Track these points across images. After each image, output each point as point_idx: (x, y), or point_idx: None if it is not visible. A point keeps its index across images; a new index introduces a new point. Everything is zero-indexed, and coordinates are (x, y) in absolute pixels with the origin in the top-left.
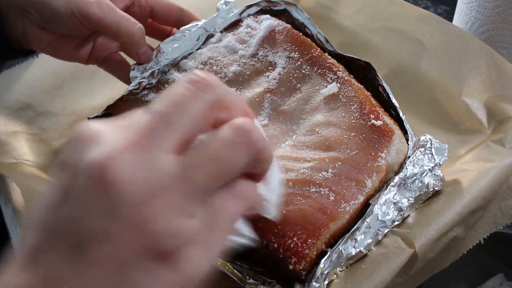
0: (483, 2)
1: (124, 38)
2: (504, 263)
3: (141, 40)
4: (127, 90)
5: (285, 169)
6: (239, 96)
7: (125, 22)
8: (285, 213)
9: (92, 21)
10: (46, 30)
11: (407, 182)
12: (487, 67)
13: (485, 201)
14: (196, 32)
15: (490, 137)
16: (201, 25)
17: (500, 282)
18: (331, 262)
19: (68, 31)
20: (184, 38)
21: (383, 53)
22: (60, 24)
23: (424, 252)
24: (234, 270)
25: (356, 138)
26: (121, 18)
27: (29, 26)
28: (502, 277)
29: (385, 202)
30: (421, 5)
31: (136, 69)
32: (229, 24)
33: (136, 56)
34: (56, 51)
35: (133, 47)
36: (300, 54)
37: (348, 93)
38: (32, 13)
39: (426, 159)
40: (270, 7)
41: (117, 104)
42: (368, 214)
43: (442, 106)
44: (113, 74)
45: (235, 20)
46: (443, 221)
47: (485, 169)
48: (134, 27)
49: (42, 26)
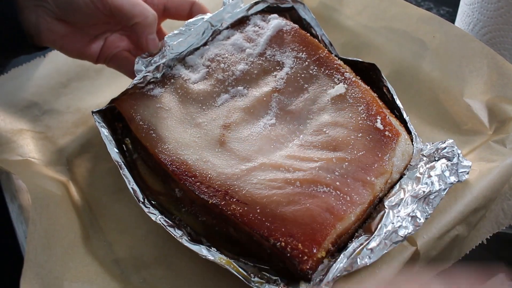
0: (485, 3)
1: (137, 18)
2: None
3: (153, 24)
4: (132, 84)
5: (292, 168)
6: None
7: (140, 4)
8: (293, 212)
9: (107, 3)
10: (60, 21)
11: (429, 197)
12: (489, 68)
13: (486, 200)
14: (201, 26)
15: (491, 138)
16: (207, 19)
17: (501, 282)
18: (344, 268)
19: (83, 18)
20: (189, 32)
21: (385, 53)
22: (76, 11)
23: (426, 249)
24: (239, 268)
25: (363, 139)
26: (136, 0)
27: (43, 17)
28: (503, 277)
29: (405, 215)
30: (424, 6)
31: (140, 62)
32: (235, 21)
33: (145, 41)
34: (67, 46)
35: (145, 31)
36: (308, 55)
37: (355, 94)
38: (48, 1)
39: (451, 176)
40: (278, 4)
41: (121, 98)
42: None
43: (443, 106)
44: (119, 70)
45: (242, 16)
46: (445, 219)
47: (487, 168)
48: (149, 9)
49: (57, 16)
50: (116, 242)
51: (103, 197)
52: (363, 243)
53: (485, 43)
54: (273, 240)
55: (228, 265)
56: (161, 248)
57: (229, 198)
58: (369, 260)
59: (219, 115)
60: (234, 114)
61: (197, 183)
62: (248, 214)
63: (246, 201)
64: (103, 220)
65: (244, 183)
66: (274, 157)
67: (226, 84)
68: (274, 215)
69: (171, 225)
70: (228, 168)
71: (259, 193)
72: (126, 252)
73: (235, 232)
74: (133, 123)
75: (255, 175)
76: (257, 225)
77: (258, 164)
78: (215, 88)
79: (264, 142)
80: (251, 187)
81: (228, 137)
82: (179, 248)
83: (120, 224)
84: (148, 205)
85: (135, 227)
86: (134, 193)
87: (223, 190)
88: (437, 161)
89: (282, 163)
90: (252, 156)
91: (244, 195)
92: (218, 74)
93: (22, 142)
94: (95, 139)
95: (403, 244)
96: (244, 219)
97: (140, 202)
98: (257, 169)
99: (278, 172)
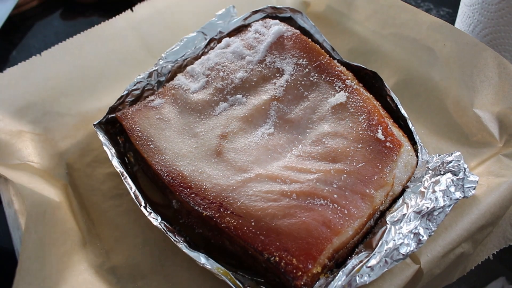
0: (486, 4)
1: None
2: (506, 267)
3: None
4: (126, 90)
5: (289, 180)
6: None
7: None
8: (288, 226)
9: None
10: None
11: (433, 214)
12: (500, 78)
13: (494, 217)
14: (193, 37)
15: (501, 151)
16: (199, 30)
17: (502, 286)
18: (342, 286)
19: None
20: (182, 42)
21: (394, 60)
22: None
23: (430, 268)
24: (236, 280)
25: (363, 150)
26: None
27: None
28: (504, 281)
29: (407, 232)
30: (423, 7)
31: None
32: (234, 29)
33: None
34: None
35: None
36: (309, 61)
37: (356, 103)
38: None
39: (457, 191)
40: (276, 13)
41: (123, 111)
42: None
43: (452, 117)
44: None
45: (241, 25)
46: (450, 237)
47: (495, 184)
48: None
49: None
50: (112, 250)
51: (101, 203)
52: (363, 260)
53: (486, 45)
54: (267, 255)
55: (225, 276)
56: (158, 257)
57: (224, 210)
58: (369, 279)
59: (217, 125)
60: (232, 124)
61: (192, 194)
62: (243, 227)
63: (240, 214)
64: (100, 227)
65: (239, 195)
66: (271, 167)
67: (225, 92)
68: (269, 228)
69: (171, 230)
70: (224, 179)
71: (254, 206)
72: (122, 261)
73: (231, 244)
74: (133, 135)
75: (250, 186)
76: (251, 239)
77: (254, 175)
78: (214, 97)
79: (261, 152)
80: (246, 199)
81: (225, 147)
82: (176, 259)
83: (118, 232)
84: (149, 210)
85: (132, 235)
86: (136, 198)
87: (218, 201)
88: (442, 175)
89: (279, 174)
90: (248, 167)
91: (238, 207)
92: (217, 82)
93: (21, 145)
94: (95, 143)
95: (406, 262)
96: (238, 232)
97: (142, 206)
98: (253, 180)
99: (274, 183)
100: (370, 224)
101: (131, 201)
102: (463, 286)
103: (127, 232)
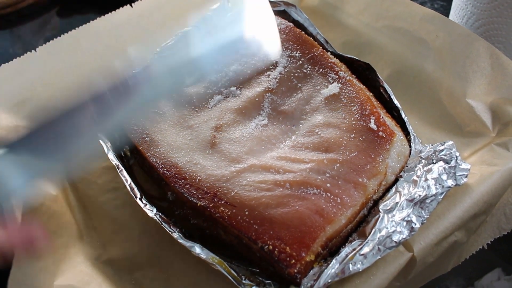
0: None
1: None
2: (501, 258)
3: None
4: None
5: (282, 170)
6: None
7: None
8: (281, 215)
9: None
10: None
11: (426, 202)
12: (493, 68)
13: (487, 206)
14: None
15: (494, 140)
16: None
17: (498, 277)
18: (335, 274)
19: None
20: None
21: (387, 53)
22: None
23: (423, 256)
24: (231, 269)
25: (356, 140)
26: None
27: None
28: (500, 272)
29: (400, 220)
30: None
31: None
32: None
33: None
34: None
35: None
36: (302, 53)
37: (349, 93)
38: None
39: (449, 179)
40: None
41: None
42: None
43: (445, 107)
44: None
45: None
46: (443, 225)
47: (488, 172)
48: None
49: None
50: (109, 243)
51: (98, 196)
52: (356, 248)
53: (479, 36)
54: (260, 243)
55: (220, 265)
56: (154, 249)
57: (218, 200)
58: (362, 266)
59: (211, 117)
60: (226, 116)
61: (187, 185)
62: (236, 216)
63: (234, 203)
64: (97, 220)
65: (233, 185)
66: (265, 158)
67: (219, 85)
68: (263, 217)
69: (166, 221)
70: (218, 170)
71: (247, 195)
72: (119, 253)
73: (225, 235)
74: (128, 128)
75: (244, 176)
76: (245, 228)
77: (248, 166)
78: (208, 90)
79: (255, 143)
80: (240, 189)
81: (219, 139)
82: (172, 250)
83: (114, 225)
84: (145, 202)
85: (129, 227)
86: (132, 190)
87: (212, 192)
88: (434, 164)
89: (272, 164)
90: (242, 158)
91: (232, 197)
92: (211, 75)
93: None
94: None
95: (399, 250)
96: (232, 221)
97: (138, 198)
98: (246, 170)
99: (268, 173)
100: (363, 213)
101: (127, 194)
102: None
103: (124, 224)
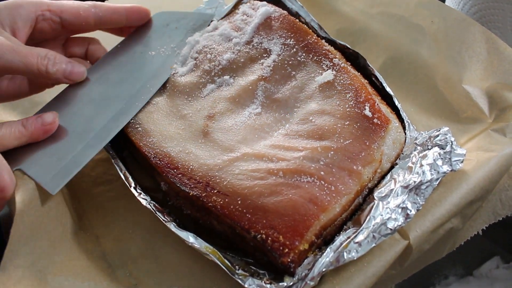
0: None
1: (31, 71)
2: (500, 246)
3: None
4: None
5: (276, 158)
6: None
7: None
8: (274, 204)
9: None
10: None
11: (421, 188)
12: (489, 53)
13: (483, 192)
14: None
15: (491, 126)
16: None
17: (496, 265)
18: (330, 262)
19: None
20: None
21: (382, 39)
22: None
23: (419, 243)
24: (225, 259)
25: (350, 127)
26: (26, 56)
27: None
28: (499, 260)
29: (395, 207)
30: None
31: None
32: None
33: (62, 80)
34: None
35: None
36: (296, 41)
37: (344, 80)
38: None
39: (444, 164)
40: None
41: None
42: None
43: (442, 93)
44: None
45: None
46: (439, 212)
47: (485, 158)
48: (43, 61)
49: None
50: (103, 235)
51: (91, 188)
52: (350, 236)
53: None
54: (253, 232)
55: (214, 255)
56: (148, 241)
57: (210, 189)
58: (357, 254)
59: (204, 106)
60: (219, 104)
61: (179, 175)
62: (229, 205)
63: (227, 193)
64: (91, 213)
65: (226, 174)
66: (258, 146)
67: (212, 74)
68: (256, 206)
69: (160, 210)
70: (210, 159)
71: (240, 184)
72: (113, 246)
73: (218, 225)
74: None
75: (237, 165)
76: (238, 217)
77: (241, 154)
78: (201, 79)
79: (248, 132)
80: (232, 178)
81: (212, 128)
82: (166, 241)
83: (108, 217)
84: (139, 190)
85: (123, 220)
86: (126, 180)
87: (205, 181)
88: (429, 150)
89: (265, 153)
90: (235, 147)
91: (225, 186)
92: (205, 65)
93: None
94: None
95: (395, 238)
96: (225, 211)
97: (132, 187)
98: (239, 159)
99: (261, 162)
100: (358, 201)
101: (121, 186)
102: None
103: (118, 217)
